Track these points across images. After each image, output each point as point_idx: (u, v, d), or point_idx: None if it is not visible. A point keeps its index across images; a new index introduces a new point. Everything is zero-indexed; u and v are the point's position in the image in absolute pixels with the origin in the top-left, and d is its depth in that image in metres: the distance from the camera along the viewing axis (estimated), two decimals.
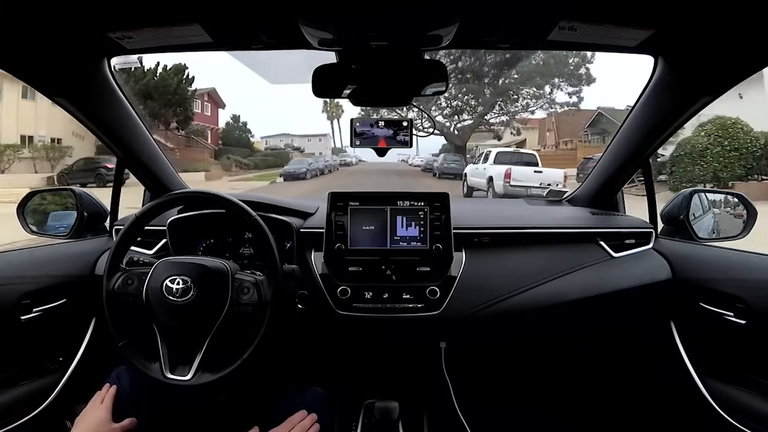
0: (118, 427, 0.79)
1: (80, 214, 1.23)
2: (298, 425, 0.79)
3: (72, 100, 0.97)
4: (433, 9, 0.71)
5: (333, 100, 28.28)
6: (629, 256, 1.11)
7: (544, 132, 23.74)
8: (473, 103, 18.27)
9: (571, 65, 16.99)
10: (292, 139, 33.44)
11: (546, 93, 17.71)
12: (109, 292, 0.83)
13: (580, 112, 18.67)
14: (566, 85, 17.31)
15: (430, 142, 23.52)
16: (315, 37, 0.79)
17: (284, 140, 33.18)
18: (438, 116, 17.61)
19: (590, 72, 16.98)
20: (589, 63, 16.76)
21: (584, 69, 16.94)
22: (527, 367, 1.38)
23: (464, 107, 18.40)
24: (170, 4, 0.71)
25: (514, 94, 17.89)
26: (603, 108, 19.20)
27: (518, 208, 1.44)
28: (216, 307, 0.80)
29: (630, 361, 1.28)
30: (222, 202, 0.90)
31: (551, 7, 0.72)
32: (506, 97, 18.10)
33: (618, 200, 1.28)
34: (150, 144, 1.19)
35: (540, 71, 17.18)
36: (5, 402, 0.98)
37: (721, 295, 0.96)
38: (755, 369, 0.94)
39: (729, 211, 1.22)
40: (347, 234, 1.00)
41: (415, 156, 24.08)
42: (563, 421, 1.33)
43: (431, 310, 0.98)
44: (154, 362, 0.80)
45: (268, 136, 32.72)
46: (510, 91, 17.83)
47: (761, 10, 0.65)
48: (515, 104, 18.39)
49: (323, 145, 33.21)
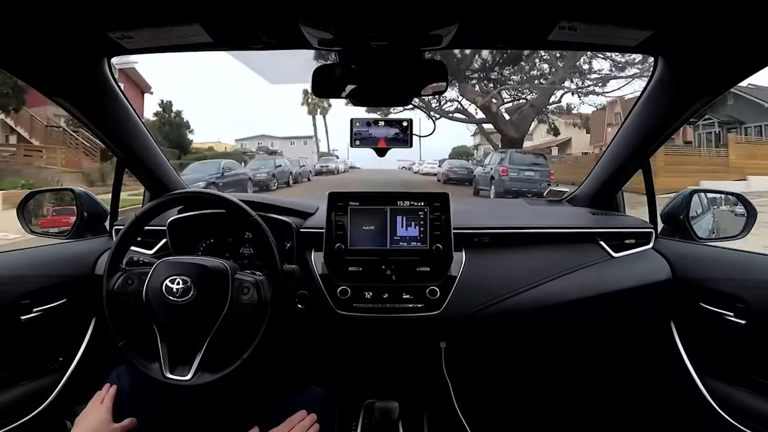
0: (118, 427, 0.79)
1: (80, 214, 1.24)
2: (298, 425, 0.79)
3: (72, 100, 0.97)
4: (433, 9, 0.71)
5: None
6: (629, 256, 1.11)
7: (601, 127, 16.03)
8: (542, 81, 13.34)
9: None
10: (272, 142, 28.95)
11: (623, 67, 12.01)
12: (109, 292, 0.83)
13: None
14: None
15: (435, 146, 22.14)
16: (315, 37, 0.79)
17: (263, 142, 28.76)
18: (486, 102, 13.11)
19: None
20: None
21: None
22: (527, 367, 1.38)
23: (529, 89, 13.51)
24: (170, 4, 0.71)
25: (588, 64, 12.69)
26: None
27: (518, 208, 1.45)
28: (216, 307, 0.80)
29: (630, 361, 1.28)
30: (222, 202, 0.90)
31: (551, 7, 0.72)
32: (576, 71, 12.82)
33: (618, 200, 1.28)
34: (150, 144, 1.19)
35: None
36: (5, 402, 0.98)
37: (721, 295, 0.96)
38: (755, 369, 0.94)
39: (729, 211, 1.22)
40: (347, 234, 1.00)
41: (422, 162, 19.51)
42: (563, 421, 1.33)
43: (431, 310, 0.98)
44: (154, 362, 0.80)
45: (242, 139, 28.82)
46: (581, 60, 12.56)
47: (761, 10, 0.65)
48: (589, 78, 12.99)
49: (309, 149, 28.61)
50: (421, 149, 20.50)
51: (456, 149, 24.77)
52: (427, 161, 19.15)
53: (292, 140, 29.92)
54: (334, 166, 19.61)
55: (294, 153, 25.76)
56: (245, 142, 28.28)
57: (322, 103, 26.92)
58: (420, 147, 20.82)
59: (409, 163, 23.26)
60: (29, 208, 1.25)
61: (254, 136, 29.63)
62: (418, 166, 20.09)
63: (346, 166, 21.80)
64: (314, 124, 29.45)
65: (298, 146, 29.21)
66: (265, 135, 30.11)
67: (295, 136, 30.28)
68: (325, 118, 29.26)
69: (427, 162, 18.97)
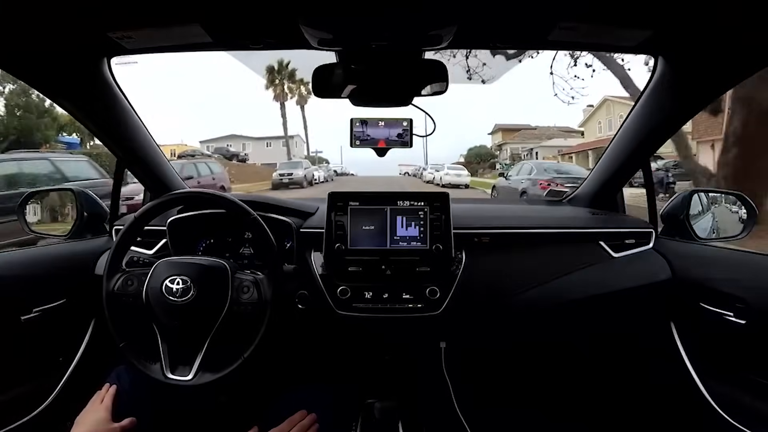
0: (118, 426, 0.79)
1: (80, 214, 1.24)
2: (298, 425, 0.79)
3: (72, 100, 0.97)
4: (433, 9, 0.71)
5: (283, 72, 20.92)
6: (629, 256, 1.11)
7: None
8: None
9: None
10: (244, 143, 25.55)
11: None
12: (109, 294, 0.83)
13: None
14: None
15: (440, 148, 19.67)
16: (315, 37, 0.79)
17: (233, 144, 25.08)
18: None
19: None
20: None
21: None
22: (527, 367, 1.38)
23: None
24: (170, 4, 0.71)
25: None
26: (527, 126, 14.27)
27: (518, 208, 1.44)
28: (216, 307, 0.81)
29: (630, 361, 1.28)
30: (222, 202, 0.90)
31: (551, 7, 0.72)
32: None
33: (618, 200, 1.28)
34: (150, 144, 1.19)
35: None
36: (5, 402, 0.98)
37: (721, 295, 0.96)
38: (755, 369, 0.94)
39: (728, 211, 1.22)
40: (347, 234, 1.00)
41: (440, 167, 14.89)
42: (563, 421, 1.33)
43: (431, 310, 0.98)
44: (154, 363, 0.80)
45: (208, 140, 26.03)
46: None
47: (761, 10, 0.65)
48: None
49: (298, 151, 24.91)
50: (427, 150, 17.52)
51: (474, 150, 20.61)
52: (447, 165, 14.66)
53: (268, 141, 26.68)
54: (302, 175, 13.77)
55: (270, 156, 22.86)
56: (211, 144, 25.37)
57: (297, 88, 21.01)
58: (425, 148, 18.29)
59: (414, 168, 19.06)
60: (29, 207, 1.25)
61: (222, 137, 26.33)
62: (432, 173, 15.00)
63: (327, 173, 16.80)
64: (283, 115, 23.02)
65: (276, 147, 25.44)
66: (235, 135, 26.86)
67: (273, 137, 26.32)
68: (303, 110, 23.55)
69: (449, 166, 14.26)
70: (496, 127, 19.81)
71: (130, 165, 1.21)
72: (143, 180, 1.27)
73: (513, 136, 19.82)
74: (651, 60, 0.93)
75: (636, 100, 1.06)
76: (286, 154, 22.28)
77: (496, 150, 20.42)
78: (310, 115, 28.24)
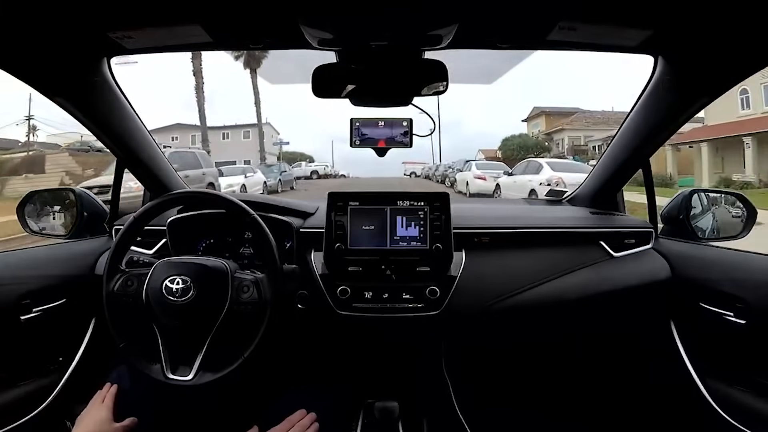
0: (118, 426, 0.79)
1: (80, 214, 1.23)
2: (297, 425, 0.79)
3: (72, 100, 0.97)
4: (433, 9, 0.71)
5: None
6: (629, 256, 1.11)
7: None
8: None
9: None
10: (193, 135, 18.62)
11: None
12: (109, 294, 0.83)
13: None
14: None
15: (448, 149, 17.42)
16: (315, 37, 0.79)
17: (178, 135, 19.11)
18: None
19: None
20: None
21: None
22: (527, 367, 1.38)
23: None
24: (170, 4, 0.71)
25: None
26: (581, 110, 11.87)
27: (518, 208, 1.44)
28: (216, 307, 0.81)
29: (630, 361, 1.28)
30: (222, 202, 0.90)
31: (551, 7, 0.72)
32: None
33: (618, 200, 1.28)
34: (150, 144, 1.19)
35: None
36: (5, 402, 0.98)
37: (721, 295, 0.96)
38: (755, 369, 0.94)
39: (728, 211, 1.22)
40: (347, 234, 1.00)
41: (467, 163, 10.65)
42: (563, 421, 1.33)
43: (431, 310, 0.98)
44: (155, 363, 0.80)
45: (151, 130, 16.96)
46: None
47: (761, 10, 0.65)
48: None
49: (269, 143, 18.83)
50: (434, 152, 13.71)
51: (513, 141, 14.34)
52: (475, 162, 9.96)
53: (225, 131, 20.87)
54: (199, 175, 7.79)
55: (234, 152, 17.56)
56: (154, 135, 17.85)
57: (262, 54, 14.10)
58: (434, 149, 15.83)
59: (423, 167, 15.27)
60: (29, 207, 1.25)
61: (167, 126, 20.04)
62: (461, 173, 10.25)
63: (286, 176, 12.38)
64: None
65: (236, 139, 19.98)
66: (181, 124, 20.00)
67: (238, 125, 20.23)
68: (255, 77, 16.68)
69: (481, 163, 9.59)
70: (536, 110, 14.65)
71: (129, 165, 1.21)
72: (143, 180, 1.27)
73: (565, 122, 14.65)
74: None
75: (636, 100, 1.06)
76: (259, 146, 17.79)
77: (543, 138, 15.49)
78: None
